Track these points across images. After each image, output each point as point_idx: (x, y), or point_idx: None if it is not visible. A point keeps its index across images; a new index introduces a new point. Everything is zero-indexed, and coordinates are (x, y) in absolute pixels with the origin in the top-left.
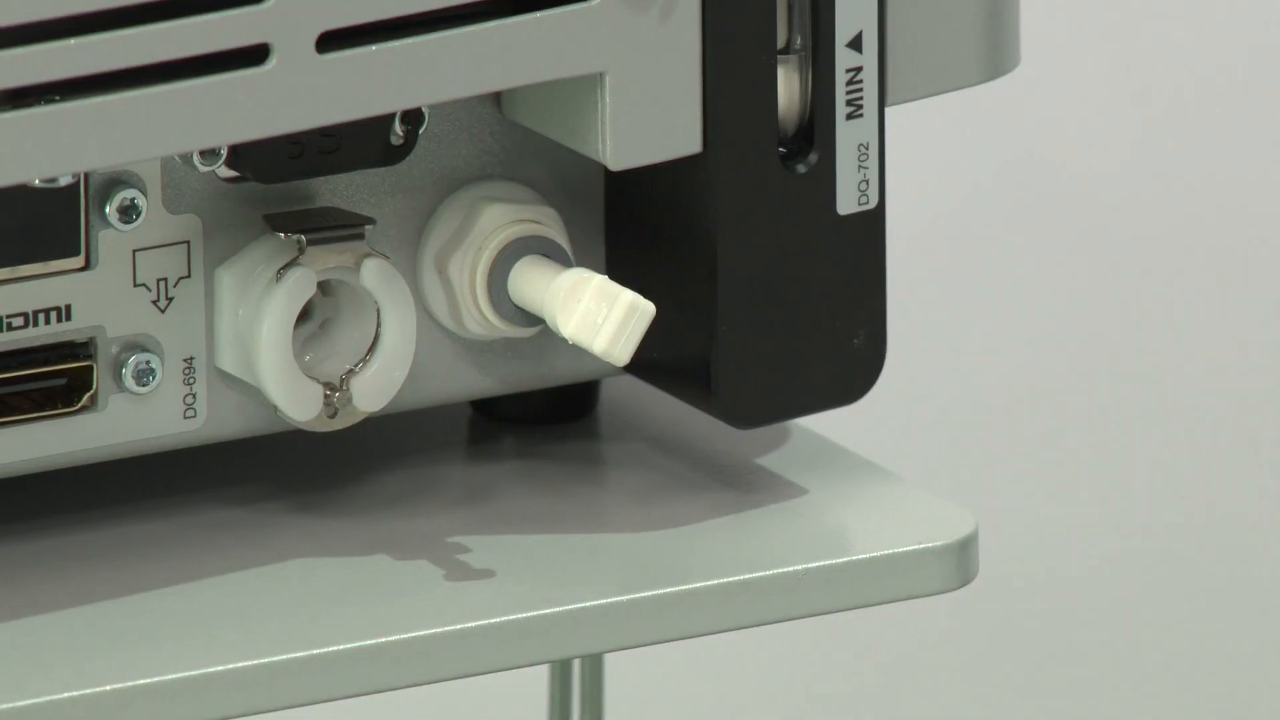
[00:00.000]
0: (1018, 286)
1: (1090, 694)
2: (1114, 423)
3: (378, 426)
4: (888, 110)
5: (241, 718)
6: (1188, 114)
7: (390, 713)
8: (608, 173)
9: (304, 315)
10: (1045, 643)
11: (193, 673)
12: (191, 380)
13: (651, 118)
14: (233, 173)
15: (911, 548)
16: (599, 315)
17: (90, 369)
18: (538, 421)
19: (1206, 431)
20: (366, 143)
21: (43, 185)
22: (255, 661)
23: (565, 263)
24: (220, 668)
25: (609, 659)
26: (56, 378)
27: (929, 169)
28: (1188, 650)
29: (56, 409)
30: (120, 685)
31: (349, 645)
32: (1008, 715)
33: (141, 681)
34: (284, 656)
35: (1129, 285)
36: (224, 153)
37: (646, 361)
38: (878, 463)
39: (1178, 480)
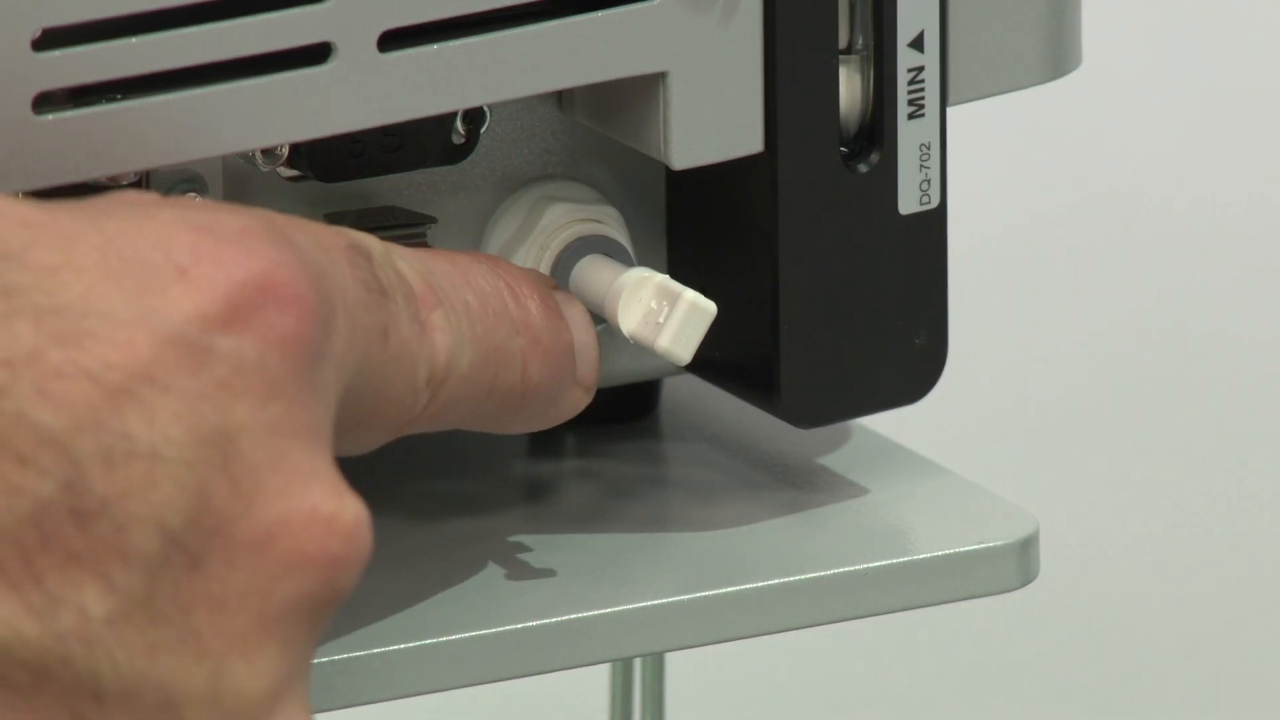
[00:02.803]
0: (1080, 286)
1: (1152, 695)
2: (1176, 424)
3: None
4: (949, 110)
5: None
6: (1250, 116)
7: (452, 712)
8: (669, 172)
9: None
10: (1106, 642)
11: None
12: None
13: (713, 117)
14: (294, 171)
15: (973, 547)
16: (660, 314)
17: None
18: (599, 420)
19: (1271, 434)
20: (428, 142)
21: (105, 184)
22: (315, 660)
23: (627, 262)
24: None
25: (670, 658)
26: None
27: (991, 168)
28: (1247, 651)
29: None
30: None
31: (410, 644)
32: (1070, 715)
33: None
34: (345, 656)
35: (1192, 286)
36: (285, 152)
37: (708, 361)
38: (939, 462)
39: (1241, 482)
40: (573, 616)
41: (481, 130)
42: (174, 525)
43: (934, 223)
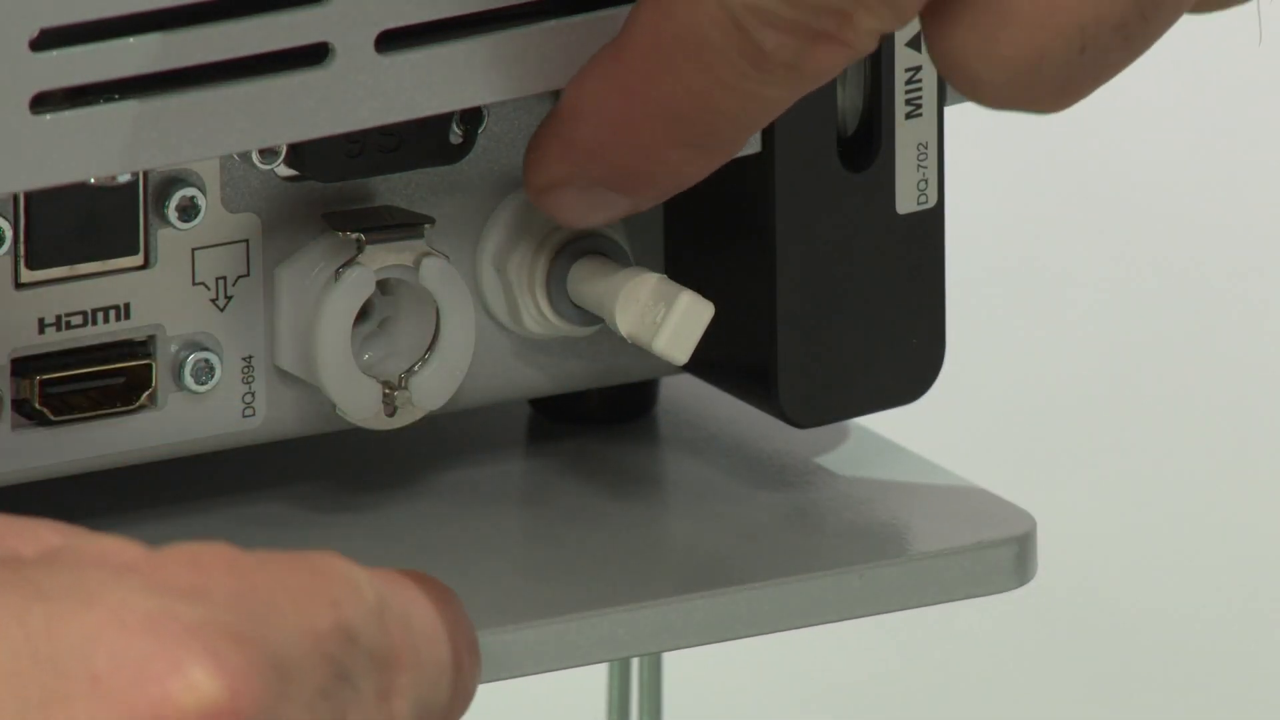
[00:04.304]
0: (1078, 285)
1: (1151, 695)
2: (1175, 423)
3: (436, 425)
4: (947, 109)
5: None
6: (1252, 115)
7: None
8: None
9: (363, 314)
10: (1105, 642)
11: None
12: (250, 379)
13: None
14: (292, 171)
15: (970, 547)
16: (657, 314)
17: (149, 367)
18: (596, 420)
19: (1268, 434)
20: (426, 142)
21: (102, 184)
22: None
23: (624, 261)
24: None
25: (667, 658)
26: (115, 376)
27: (988, 168)
28: (1247, 652)
29: (115, 408)
30: None
31: None
32: (1068, 715)
33: None
34: None
35: (1192, 286)
36: (283, 151)
37: (705, 360)
38: (936, 462)
39: (1241, 482)
40: (569, 616)
41: (479, 130)
42: None
43: (931, 222)
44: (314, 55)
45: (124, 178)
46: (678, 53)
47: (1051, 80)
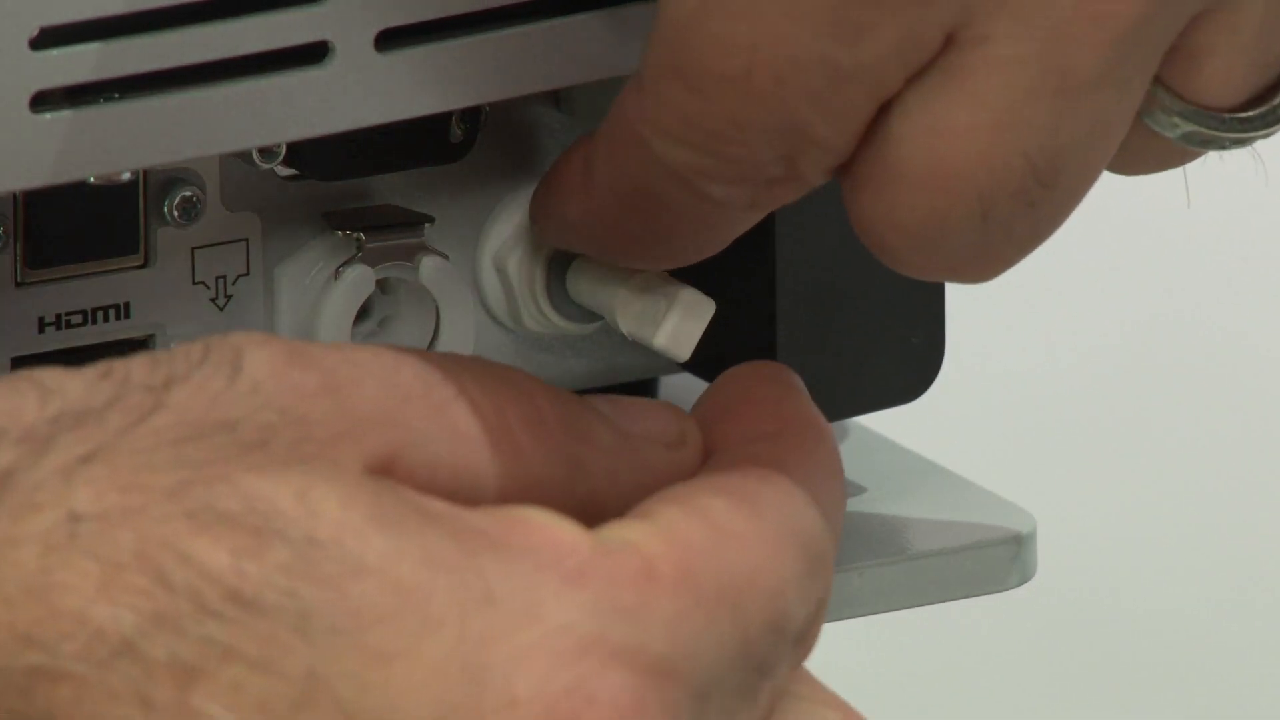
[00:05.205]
0: (1078, 283)
1: (1150, 694)
2: (1175, 422)
3: None
4: None
5: None
6: None
7: None
8: None
9: (363, 313)
10: (1104, 641)
11: None
12: None
13: None
14: (292, 170)
15: (970, 547)
16: (658, 312)
17: None
18: None
19: (1267, 434)
20: (425, 141)
21: (102, 183)
22: None
23: None
24: None
25: None
26: None
27: None
28: (1246, 651)
29: None
30: None
31: None
32: (1067, 715)
33: None
34: None
35: (1191, 284)
36: (283, 150)
37: (705, 358)
38: (936, 461)
39: (1240, 480)
40: None
41: (479, 129)
42: None
43: None
44: (313, 54)
45: (124, 177)
46: (640, 202)
47: (962, 250)
